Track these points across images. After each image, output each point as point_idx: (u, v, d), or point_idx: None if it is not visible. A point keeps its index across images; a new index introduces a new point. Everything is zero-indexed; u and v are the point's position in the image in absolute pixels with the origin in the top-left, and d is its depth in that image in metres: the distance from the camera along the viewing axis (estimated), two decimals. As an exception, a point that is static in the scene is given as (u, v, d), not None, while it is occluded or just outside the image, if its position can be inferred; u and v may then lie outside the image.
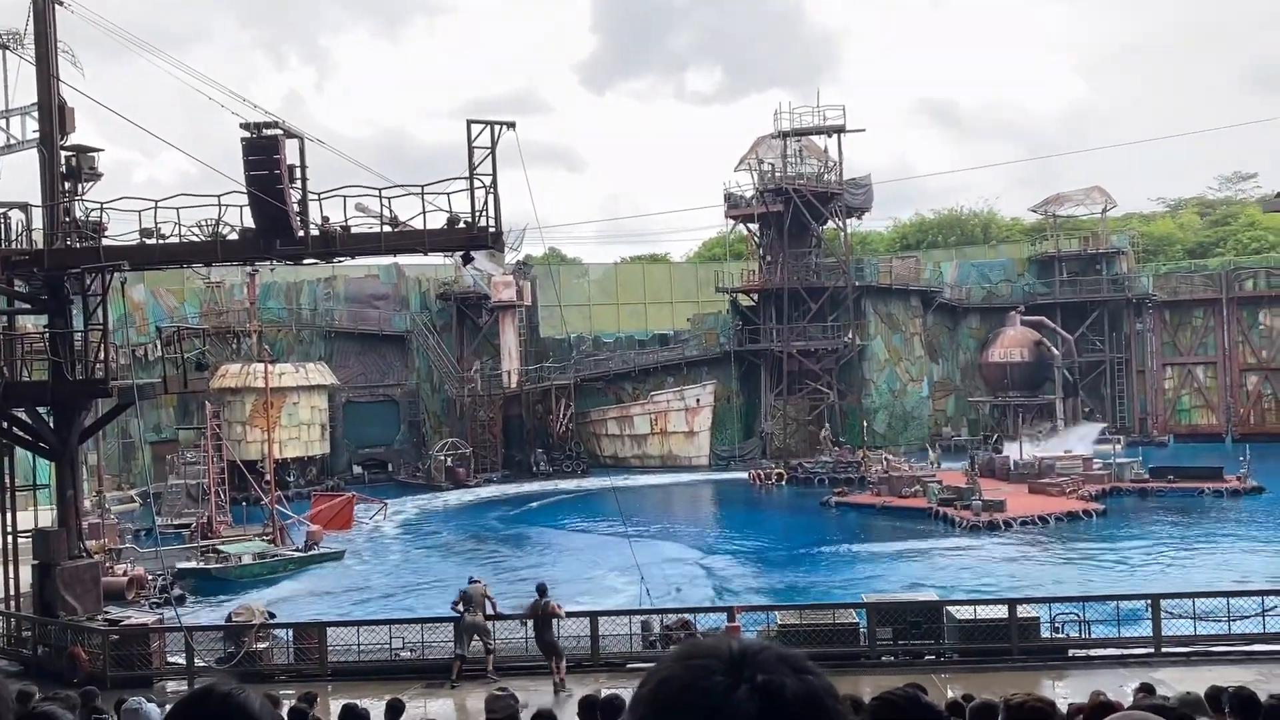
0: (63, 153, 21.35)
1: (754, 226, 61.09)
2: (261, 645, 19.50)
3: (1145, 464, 45.65)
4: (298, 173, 19.73)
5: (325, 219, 20.31)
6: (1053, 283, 62.80)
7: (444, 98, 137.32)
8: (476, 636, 18.05)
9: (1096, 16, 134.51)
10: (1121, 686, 13.07)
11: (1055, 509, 39.10)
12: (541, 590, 18.04)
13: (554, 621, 17.60)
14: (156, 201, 20.74)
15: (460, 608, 18.23)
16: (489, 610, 18.38)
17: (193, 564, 33.06)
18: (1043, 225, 68.88)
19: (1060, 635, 18.60)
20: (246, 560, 33.45)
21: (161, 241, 20.72)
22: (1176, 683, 13.57)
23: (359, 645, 19.17)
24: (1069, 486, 42.18)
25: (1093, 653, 18.16)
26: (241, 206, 20.05)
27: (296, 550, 35.82)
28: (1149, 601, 18.30)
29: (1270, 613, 18.56)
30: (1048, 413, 57.89)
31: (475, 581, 19.14)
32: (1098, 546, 34.50)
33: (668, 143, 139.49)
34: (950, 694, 13.11)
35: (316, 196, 20.22)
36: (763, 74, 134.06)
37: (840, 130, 56.61)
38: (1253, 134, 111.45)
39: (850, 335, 57.70)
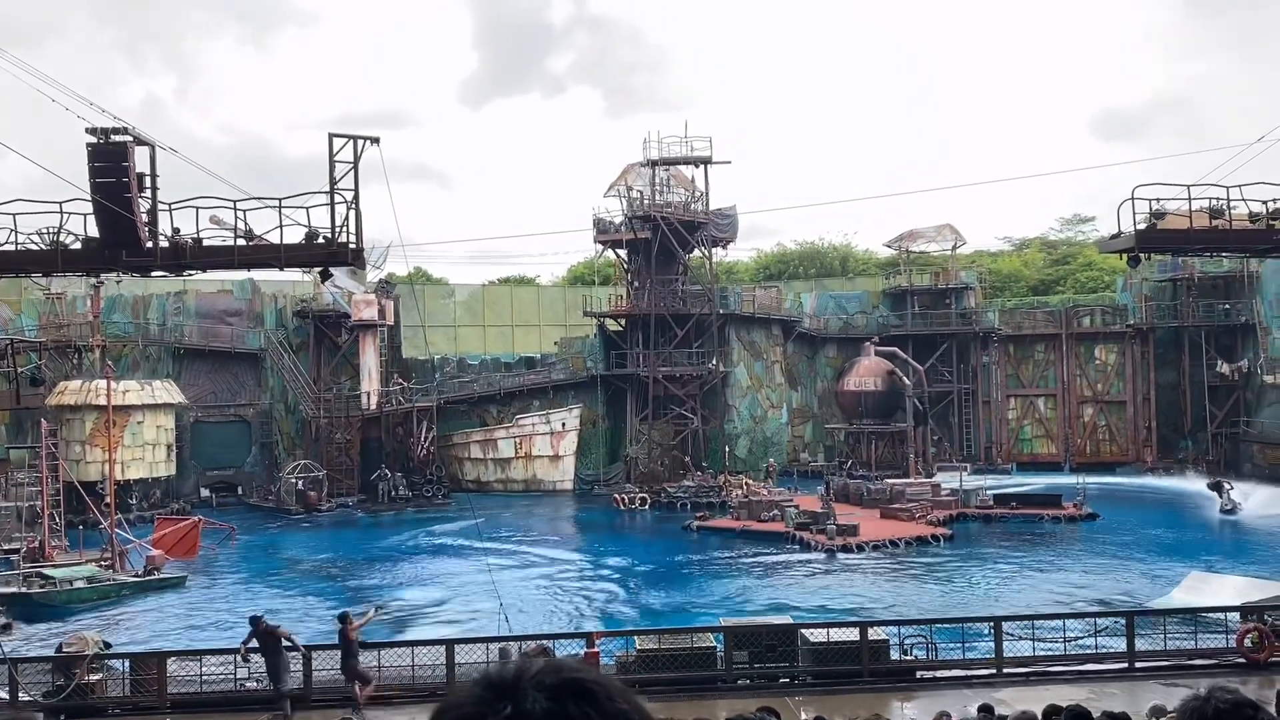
0: (-114, 151, 20.00)
1: (622, 252, 61.51)
2: (95, 677, 18.43)
3: (990, 491, 47.59)
4: (147, 181, 18.92)
5: (176, 230, 19.51)
6: (905, 315, 65.25)
7: (314, 110, 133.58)
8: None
9: (955, 61, 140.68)
10: (965, 706, 13.52)
11: (905, 533, 40.46)
12: (343, 618, 17.99)
13: (356, 646, 17.57)
14: (-10, 206, 19.58)
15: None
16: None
17: (12, 589, 30.83)
18: (896, 260, 71.51)
19: (909, 657, 19.17)
20: (77, 584, 31.41)
21: (-5, 248, 19.54)
22: (1016, 702, 14.11)
23: (201, 676, 18.34)
24: (918, 512, 43.71)
25: (939, 674, 18.76)
26: (86, 215, 19.10)
27: (134, 576, 33.87)
28: (992, 624, 19.03)
29: (1101, 633, 19.56)
30: (899, 440, 59.82)
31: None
32: (945, 570, 35.72)
33: (542, 164, 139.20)
34: (803, 716, 13.32)
35: (167, 207, 19.41)
36: (639, 100, 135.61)
37: (707, 161, 57.65)
38: (1092, 179, 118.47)
39: (714, 362, 58.57)
